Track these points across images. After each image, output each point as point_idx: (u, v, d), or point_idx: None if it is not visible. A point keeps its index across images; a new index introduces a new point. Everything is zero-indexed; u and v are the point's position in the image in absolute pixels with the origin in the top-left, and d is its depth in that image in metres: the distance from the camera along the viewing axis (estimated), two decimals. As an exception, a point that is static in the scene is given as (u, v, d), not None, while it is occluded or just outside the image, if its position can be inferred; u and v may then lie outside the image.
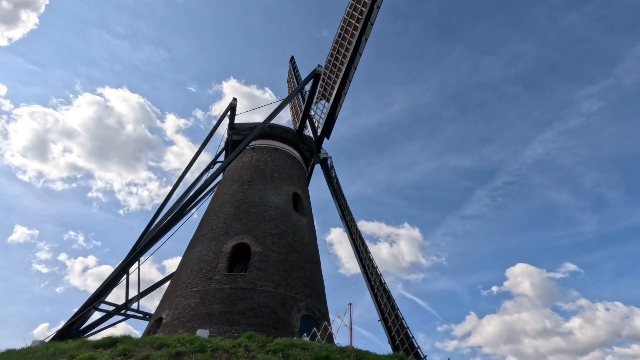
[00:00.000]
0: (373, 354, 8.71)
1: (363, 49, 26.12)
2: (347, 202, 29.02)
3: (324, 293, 21.82)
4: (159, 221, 22.56)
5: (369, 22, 24.76)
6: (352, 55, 26.39)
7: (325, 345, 8.38)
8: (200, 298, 16.71)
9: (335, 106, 29.64)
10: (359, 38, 25.48)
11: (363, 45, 25.92)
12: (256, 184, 23.73)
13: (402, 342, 18.56)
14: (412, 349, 17.69)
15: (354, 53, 26.25)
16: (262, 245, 19.21)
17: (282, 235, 20.40)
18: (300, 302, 17.59)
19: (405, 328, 18.90)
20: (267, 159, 26.49)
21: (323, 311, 19.21)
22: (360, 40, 25.62)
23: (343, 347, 8.91)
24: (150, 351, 7.04)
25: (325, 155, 32.88)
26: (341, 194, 30.11)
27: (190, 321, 15.76)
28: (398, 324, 19.26)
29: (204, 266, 18.56)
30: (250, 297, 16.47)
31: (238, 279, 17.38)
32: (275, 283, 17.51)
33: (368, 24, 24.84)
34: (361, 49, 26.13)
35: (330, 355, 6.92)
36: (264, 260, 18.46)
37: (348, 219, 27.43)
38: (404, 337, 18.55)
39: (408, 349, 17.88)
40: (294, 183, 25.55)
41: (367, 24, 24.87)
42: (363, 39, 25.59)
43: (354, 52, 26.23)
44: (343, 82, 28.03)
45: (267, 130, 29.12)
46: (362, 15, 24.96)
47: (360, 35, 25.35)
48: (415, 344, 17.84)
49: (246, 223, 20.54)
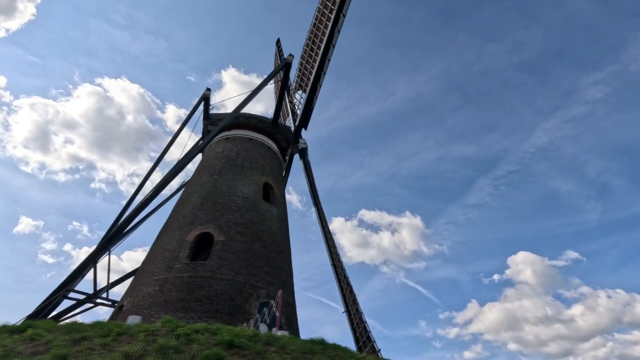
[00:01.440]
0: (289, 337, 8.93)
1: (336, 40, 26.12)
2: (318, 194, 29.34)
3: (292, 281, 22.14)
4: (130, 213, 22.70)
5: (341, 13, 24.75)
6: (326, 47, 26.42)
7: (238, 329, 8.60)
8: (160, 286, 16.93)
9: (312, 97, 29.75)
10: (332, 30, 25.48)
11: (336, 37, 25.91)
12: (226, 174, 23.87)
13: (362, 334, 19.05)
14: (369, 342, 18.23)
15: (327, 45, 26.29)
16: (225, 234, 19.41)
17: (248, 225, 20.59)
18: (261, 289, 17.84)
19: (364, 322, 19.39)
20: (240, 149, 26.57)
21: (286, 298, 19.44)
22: (333, 32, 25.62)
23: (260, 332, 9.14)
24: (56, 336, 7.21)
25: (304, 146, 33.01)
26: (314, 184, 30.46)
27: (148, 308, 15.99)
28: (358, 317, 19.74)
29: (166, 255, 18.76)
30: (208, 285, 16.71)
31: (198, 268, 17.60)
32: (235, 271, 17.74)
33: (340, 15, 24.84)
34: (334, 41, 26.12)
35: (235, 339, 7.11)
36: (226, 249, 18.66)
37: (320, 212, 27.75)
38: (363, 330, 19.04)
39: (366, 341, 18.41)
40: (266, 173, 25.69)
41: (340, 16, 24.86)
42: (336, 31, 25.58)
43: (327, 44, 26.26)
44: (318, 74, 28.08)
45: (242, 120, 29.20)
46: (335, 6, 24.96)
47: (333, 27, 25.35)
48: (371, 337, 18.39)
49: (212, 213, 20.72)
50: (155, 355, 6.13)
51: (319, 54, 27.17)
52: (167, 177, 21.80)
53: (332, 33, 25.63)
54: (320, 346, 8.32)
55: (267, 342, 7.57)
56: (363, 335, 19.11)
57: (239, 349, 6.88)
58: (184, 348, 6.48)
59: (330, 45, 26.24)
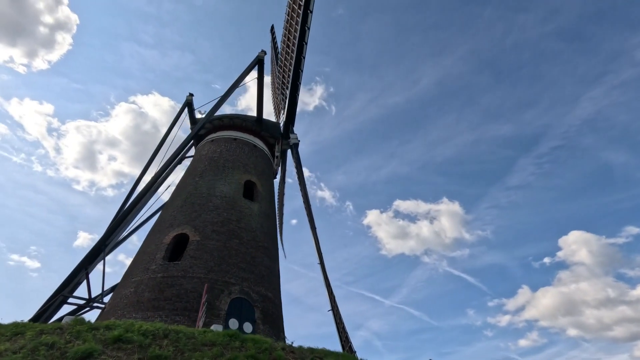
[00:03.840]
0: (200, 330, 9.46)
1: (308, 37, 26.32)
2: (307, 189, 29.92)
3: (274, 276, 22.72)
4: (115, 222, 23.79)
5: (308, 10, 24.98)
6: (299, 46, 26.65)
7: (148, 325, 9.26)
8: (135, 287, 17.88)
9: (294, 95, 30.19)
10: (302, 27, 25.72)
11: (307, 34, 26.10)
12: (207, 175, 24.68)
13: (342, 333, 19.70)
14: (347, 342, 18.89)
15: (300, 43, 26.50)
16: (200, 234, 20.22)
17: (224, 223, 21.32)
18: (234, 286, 18.56)
19: (342, 322, 20.02)
20: (223, 149, 27.34)
21: (264, 293, 20.09)
22: (304, 29, 25.84)
23: (168, 327, 9.72)
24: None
25: (296, 141, 33.46)
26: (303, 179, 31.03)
27: (122, 309, 16.96)
28: (338, 317, 20.35)
29: (145, 257, 19.74)
30: (179, 284, 17.55)
31: (171, 268, 18.47)
32: (207, 269, 18.52)
33: (308, 12, 25.06)
34: (306, 38, 26.34)
35: (123, 334, 7.75)
36: (199, 248, 19.47)
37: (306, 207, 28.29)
38: (342, 330, 19.68)
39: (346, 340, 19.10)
40: (249, 171, 26.34)
41: (307, 13, 25.07)
42: (306, 28, 25.81)
43: (300, 42, 26.47)
44: (296, 72, 28.45)
45: (227, 121, 30.03)
46: (302, 2, 25.12)
47: (303, 24, 25.59)
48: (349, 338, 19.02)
49: (189, 214, 21.58)
50: (24, 353, 6.84)
51: (294, 50, 27.49)
52: (145, 188, 22.80)
53: (303, 30, 25.89)
54: (227, 338, 8.90)
55: (165, 336, 8.22)
56: (343, 334, 19.73)
57: (123, 343, 7.55)
58: (65, 346, 7.18)
59: (303, 43, 26.48)
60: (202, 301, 13.83)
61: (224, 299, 17.70)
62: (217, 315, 16.77)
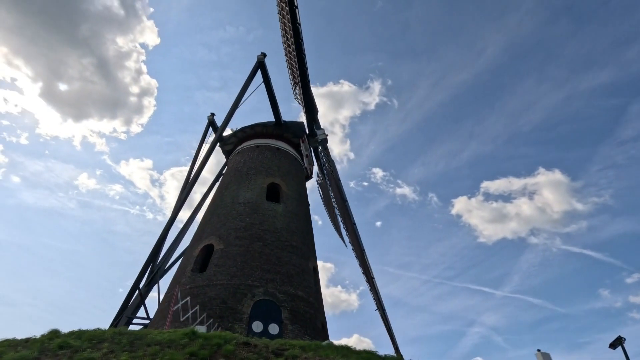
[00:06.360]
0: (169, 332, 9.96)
1: (301, 35, 26.51)
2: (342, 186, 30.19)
3: (306, 274, 22.72)
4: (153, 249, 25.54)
5: (294, 6, 25.10)
6: (297, 45, 26.91)
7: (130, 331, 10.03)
8: (168, 301, 19.39)
9: (307, 92, 30.54)
10: (294, 26, 25.98)
11: (300, 30, 26.35)
12: (232, 186, 25.89)
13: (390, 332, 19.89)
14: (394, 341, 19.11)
15: (297, 42, 26.76)
16: (224, 242, 21.32)
17: (247, 228, 22.21)
18: (257, 288, 19.28)
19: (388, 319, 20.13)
20: (247, 158, 28.46)
21: (293, 292, 20.43)
22: (297, 28, 26.08)
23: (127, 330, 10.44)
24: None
25: (323, 136, 33.86)
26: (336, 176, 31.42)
27: (156, 323, 18.52)
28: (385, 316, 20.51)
29: (178, 272, 21.30)
30: (204, 293, 18.72)
31: (197, 278, 19.75)
32: (230, 275, 19.51)
33: (294, 8, 25.19)
34: (301, 35, 26.58)
35: (64, 341, 8.39)
36: (223, 256, 20.54)
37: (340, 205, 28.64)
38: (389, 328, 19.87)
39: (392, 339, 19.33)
40: (272, 174, 27.08)
41: (294, 9, 25.21)
42: (297, 25, 26.02)
43: (297, 42, 26.73)
44: (302, 71, 28.67)
45: (249, 131, 31.17)
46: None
47: (293, 21, 25.83)
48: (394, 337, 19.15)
49: (215, 225, 22.84)
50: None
51: (294, 49, 27.82)
52: (176, 208, 24.44)
53: (297, 29, 26.15)
54: (183, 337, 9.46)
55: (111, 339, 8.95)
56: (391, 333, 19.93)
57: (61, 349, 8.29)
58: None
59: (299, 40, 26.74)
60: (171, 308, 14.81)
61: (246, 303, 18.48)
62: (240, 320, 17.61)
